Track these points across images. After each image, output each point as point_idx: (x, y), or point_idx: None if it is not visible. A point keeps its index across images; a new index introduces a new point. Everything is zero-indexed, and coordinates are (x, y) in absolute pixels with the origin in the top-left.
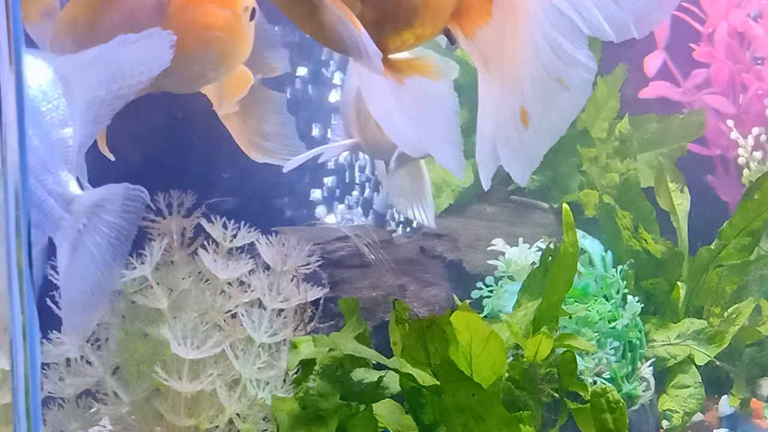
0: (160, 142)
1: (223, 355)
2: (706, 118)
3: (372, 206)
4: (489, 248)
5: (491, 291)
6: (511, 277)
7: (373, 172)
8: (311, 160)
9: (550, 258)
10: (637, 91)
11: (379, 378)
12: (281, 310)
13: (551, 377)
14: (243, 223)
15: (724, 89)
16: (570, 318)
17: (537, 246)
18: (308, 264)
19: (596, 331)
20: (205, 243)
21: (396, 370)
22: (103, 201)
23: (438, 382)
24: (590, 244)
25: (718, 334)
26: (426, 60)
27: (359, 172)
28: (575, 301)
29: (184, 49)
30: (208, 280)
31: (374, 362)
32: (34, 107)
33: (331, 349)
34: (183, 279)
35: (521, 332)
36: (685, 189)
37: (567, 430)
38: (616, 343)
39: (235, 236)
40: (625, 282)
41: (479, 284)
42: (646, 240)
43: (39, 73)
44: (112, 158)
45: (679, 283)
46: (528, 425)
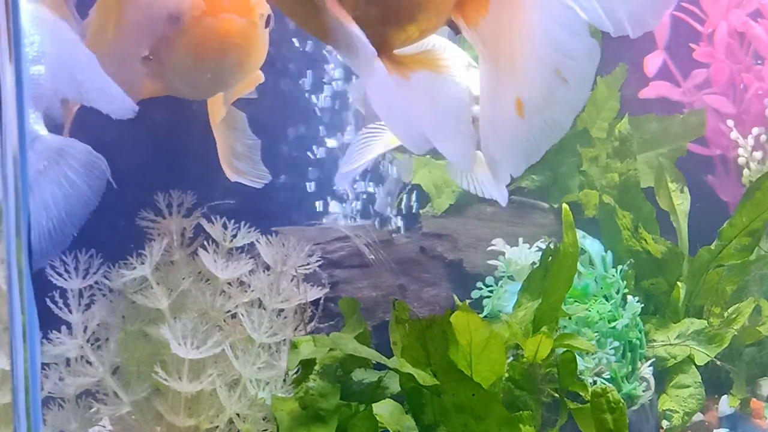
0: (160, 142)
1: (223, 355)
2: (706, 118)
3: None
4: (489, 248)
5: (491, 291)
6: (511, 277)
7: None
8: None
9: (550, 258)
10: (637, 91)
11: (379, 378)
12: (281, 310)
13: (551, 377)
14: (243, 223)
15: (724, 89)
16: (570, 318)
17: (537, 246)
18: (308, 264)
19: (596, 331)
20: (205, 243)
21: (396, 370)
22: (67, 150)
23: (438, 382)
24: (590, 244)
25: (718, 334)
26: (431, 53)
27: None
28: (575, 301)
29: (203, 58)
30: (208, 280)
31: (374, 362)
32: None
33: (331, 349)
34: (183, 279)
35: (521, 332)
36: (685, 189)
37: (567, 430)
38: (616, 343)
39: (235, 236)
40: (625, 282)
41: (479, 284)
42: (646, 240)
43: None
44: None
45: (679, 283)
46: (528, 425)
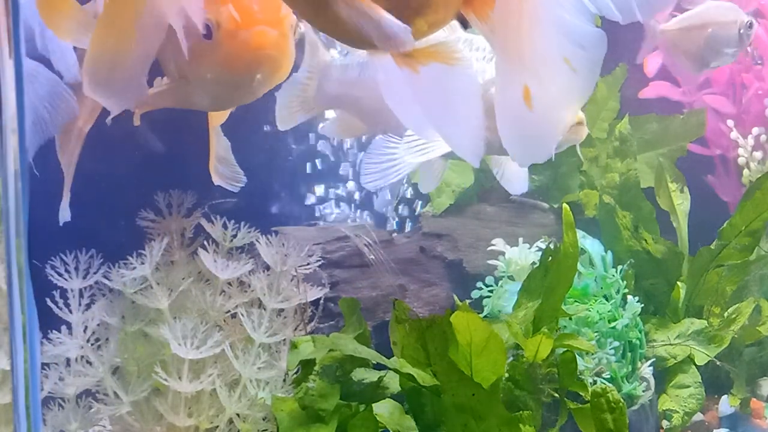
0: (161, 142)
1: (223, 355)
2: (706, 118)
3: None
4: (489, 248)
5: (491, 291)
6: (511, 277)
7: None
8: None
9: (550, 258)
10: (637, 91)
11: (379, 378)
12: (281, 310)
13: (551, 377)
14: (243, 223)
15: (724, 89)
16: (570, 318)
17: (537, 246)
18: (308, 264)
19: (596, 331)
20: (205, 243)
21: (396, 370)
22: (35, 76)
23: (438, 382)
24: (590, 244)
25: (718, 334)
26: (443, 46)
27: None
28: (575, 301)
29: (236, 71)
30: (208, 280)
31: (374, 362)
32: None
33: (331, 349)
34: (183, 279)
35: (521, 332)
36: (685, 189)
37: (567, 430)
38: (616, 343)
39: (235, 236)
40: (625, 282)
41: (479, 284)
42: (646, 240)
43: None
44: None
45: (679, 283)
46: (528, 425)
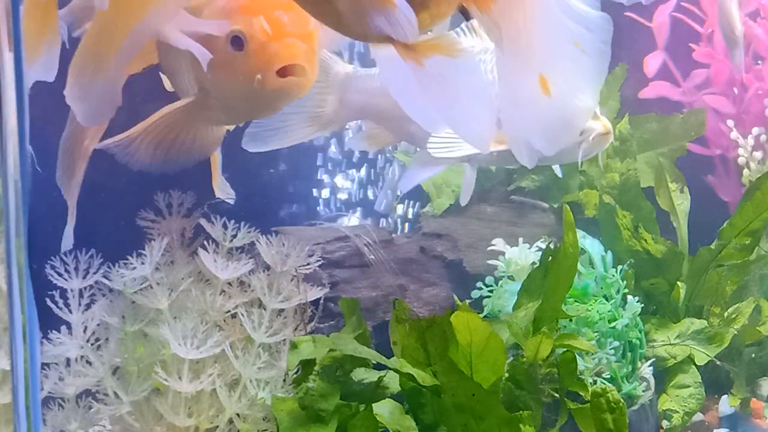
0: None
1: (223, 355)
2: (706, 118)
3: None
4: (489, 248)
5: (491, 291)
6: (511, 277)
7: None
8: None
9: (550, 258)
10: (637, 91)
11: (379, 378)
12: (281, 310)
13: (551, 377)
14: (243, 223)
15: (724, 89)
16: (570, 319)
17: (537, 246)
18: (308, 264)
19: (596, 331)
20: (205, 243)
21: (396, 370)
22: None
23: (438, 382)
24: (590, 244)
25: (718, 334)
26: (446, 39)
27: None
28: (575, 301)
29: (266, 84)
30: (208, 280)
31: (374, 362)
32: None
33: (331, 349)
34: (183, 279)
35: (521, 332)
36: (685, 189)
37: (567, 430)
38: (616, 343)
39: (235, 236)
40: (625, 282)
41: (479, 284)
42: (646, 240)
43: None
44: None
45: (679, 283)
46: (528, 425)
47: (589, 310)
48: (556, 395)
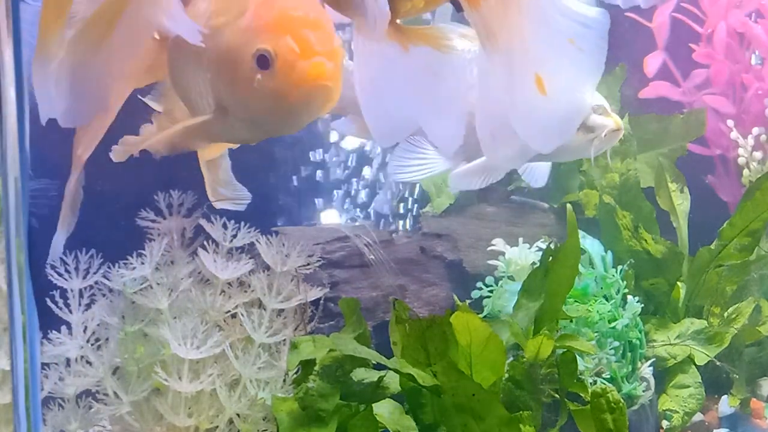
0: None
1: (223, 355)
2: (706, 118)
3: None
4: (489, 248)
5: (491, 291)
6: (511, 277)
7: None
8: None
9: (550, 258)
10: (637, 91)
11: (379, 378)
12: (281, 310)
13: (551, 377)
14: (243, 223)
15: (724, 89)
16: (571, 320)
17: (537, 246)
18: (308, 264)
19: (596, 331)
20: (205, 243)
21: (396, 370)
22: None
23: (438, 382)
24: (590, 244)
25: (718, 334)
26: (435, 30)
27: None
28: (575, 301)
29: (293, 103)
30: (208, 280)
31: (374, 362)
32: None
33: (331, 349)
34: (183, 279)
35: (522, 332)
36: (685, 189)
37: (567, 430)
38: (616, 343)
39: (235, 236)
40: (625, 282)
41: (479, 284)
42: (646, 240)
43: None
44: None
45: (679, 283)
46: (528, 425)
47: (589, 311)
48: (556, 396)
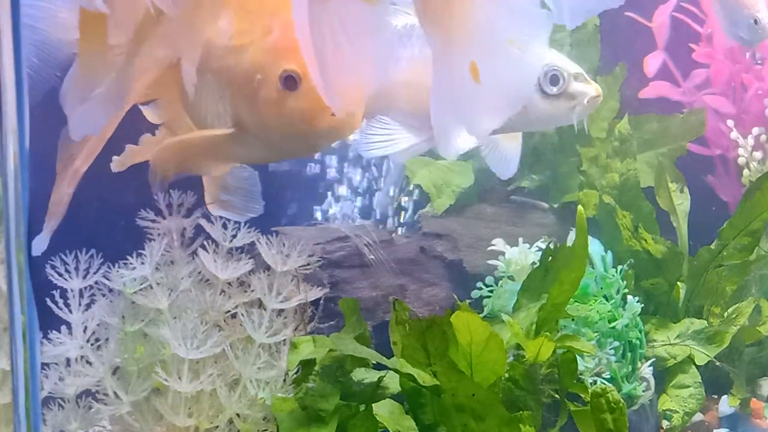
0: None
1: (223, 355)
2: (706, 118)
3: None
4: (489, 248)
5: (491, 291)
6: (511, 277)
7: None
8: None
9: (550, 258)
10: (637, 91)
11: (379, 378)
12: (281, 310)
13: (551, 377)
14: (243, 223)
15: (724, 89)
16: (572, 319)
17: (537, 246)
18: (308, 264)
19: (596, 331)
20: (205, 243)
21: (396, 370)
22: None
23: (438, 383)
24: (590, 244)
25: (718, 334)
26: None
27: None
28: (575, 301)
29: (319, 124)
30: (208, 280)
31: (374, 362)
32: None
33: (331, 349)
34: (183, 279)
35: (522, 333)
36: (685, 189)
37: (567, 430)
38: (616, 343)
39: (235, 236)
40: (625, 282)
41: (479, 284)
42: (646, 240)
43: None
44: None
45: (679, 283)
46: (528, 425)
47: (589, 310)
48: (556, 396)
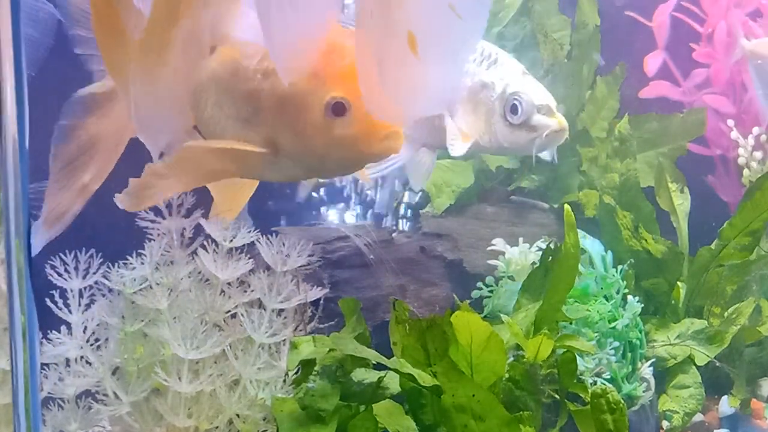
0: None
1: (223, 356)
2: (706, 118)
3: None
4: (489, 248)
5: (491, 291)
6: (511, 277)
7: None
8: None
9: (551, 258)
10: (637, 91)
11: (379, 378)
12: (281, 310)
13: (552, 378)
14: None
15: (724, 89)
16: (570, 321)
17: (537, 246)
18: (308, 264)
19: (596, 331)
20: (205, 243)
21: (396, 371)
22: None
23: (438, 383)
24: (590, 244)
25: (718, 334)
26: None
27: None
28: (575, 301)
29: (368, 151)
30: (208, 280)
31: (374, 362)
32: None
33: (331, 349)
34: (182, 279)
35: (522, 333)
36: (685, 189)
37: (567, 430)
38: (616, 343)
39: (234, 236)
40: (625, 282)
41: (479, 284)
42: (646, 240)
43: None
44: None
45: (679, 283)
46: (528, 426)
47: (589, 311)
48: (556, 396)
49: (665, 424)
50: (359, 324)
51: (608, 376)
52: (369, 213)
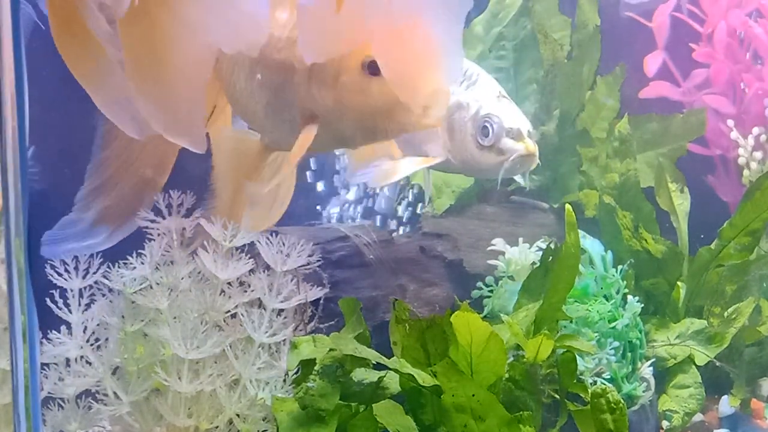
0: None
1: (223, 355)
2: (706, 118)
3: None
4: (489, 248)
5: (491, 291)
6: (511, 277)
7: None
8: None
9: (551, 258)
10: (637, 91)
11: (379, 378)
12: (281, 310)
13: (552, 378)
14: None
15: (724, 89)
16: (571, 320)
17: (537, 246)
18: (308, 264)
19: (596, 331)
20: (205, 243)
21: (396, 371)
22: None
23: (438, 383)
24: (590, 244)
25: (718, 334)
26: None
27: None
28: (575, 301)
29: (404, 113)
30: (208, 280)
31: (374, 362)
32: None
33: (331, 349)
34: (182, 279)
35: (522, 333)
36: (685, 189)
37: (567, 430)
38: (616, 343)
39: (234, 236)
40: (625, 282)
41: (479, 284)
42: (646, 240)
43: None
44: None
45: (679, 283)
46: (528, 426)
47: (589, 310)
48: (556, 396)
49: (665, 424)
50: (359, 324)
51: (608, 376)
52: (369, 213)
